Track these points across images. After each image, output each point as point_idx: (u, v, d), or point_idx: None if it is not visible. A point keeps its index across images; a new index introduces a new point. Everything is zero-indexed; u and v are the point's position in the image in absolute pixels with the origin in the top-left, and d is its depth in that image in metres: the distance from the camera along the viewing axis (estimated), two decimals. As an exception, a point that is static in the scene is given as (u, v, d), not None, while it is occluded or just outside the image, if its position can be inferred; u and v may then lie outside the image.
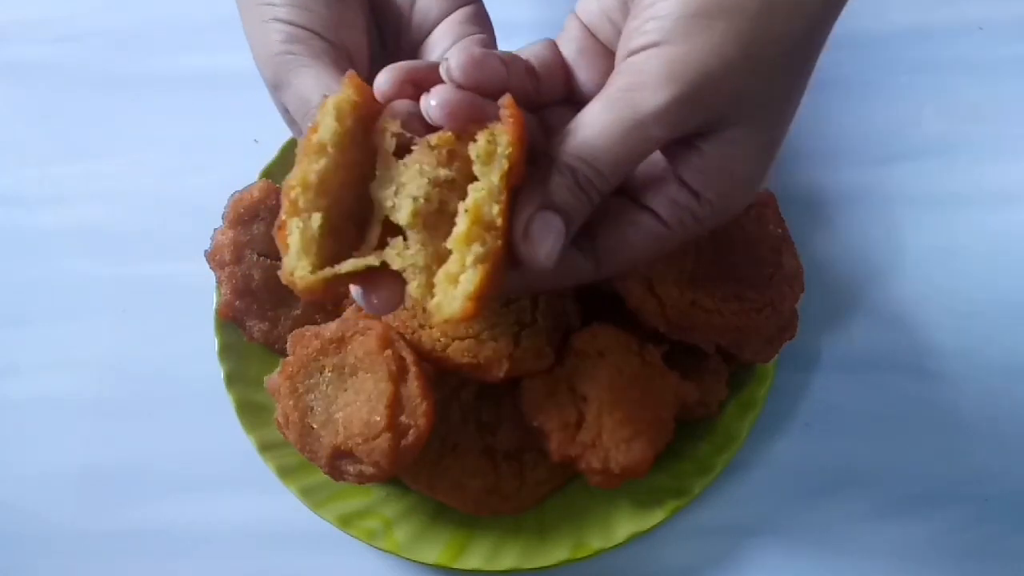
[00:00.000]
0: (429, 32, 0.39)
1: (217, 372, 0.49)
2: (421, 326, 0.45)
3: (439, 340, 0.44)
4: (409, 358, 0.43)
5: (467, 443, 0.47)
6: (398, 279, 0.32)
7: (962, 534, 0.49)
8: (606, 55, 0.37)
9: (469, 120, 0.32)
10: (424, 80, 0.33)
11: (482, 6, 0.40)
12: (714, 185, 0.34)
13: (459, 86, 0.33)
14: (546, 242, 0.32)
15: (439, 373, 0.45)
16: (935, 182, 0.56)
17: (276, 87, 0.37)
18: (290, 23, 0.36)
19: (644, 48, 0.32)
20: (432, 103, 0.32)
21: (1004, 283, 0.54)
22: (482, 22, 0.39)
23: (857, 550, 0.49)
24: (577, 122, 0.33)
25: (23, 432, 0.52)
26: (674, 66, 0.31)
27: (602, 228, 0.35)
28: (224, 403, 0.49)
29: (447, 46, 0.38)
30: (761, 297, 0.46)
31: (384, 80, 0.33)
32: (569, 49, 0.38)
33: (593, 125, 0.32)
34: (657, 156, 0.35)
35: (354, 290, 0.34)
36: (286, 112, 0.38)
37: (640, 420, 0.44)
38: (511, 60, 0.35)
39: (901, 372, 0.52)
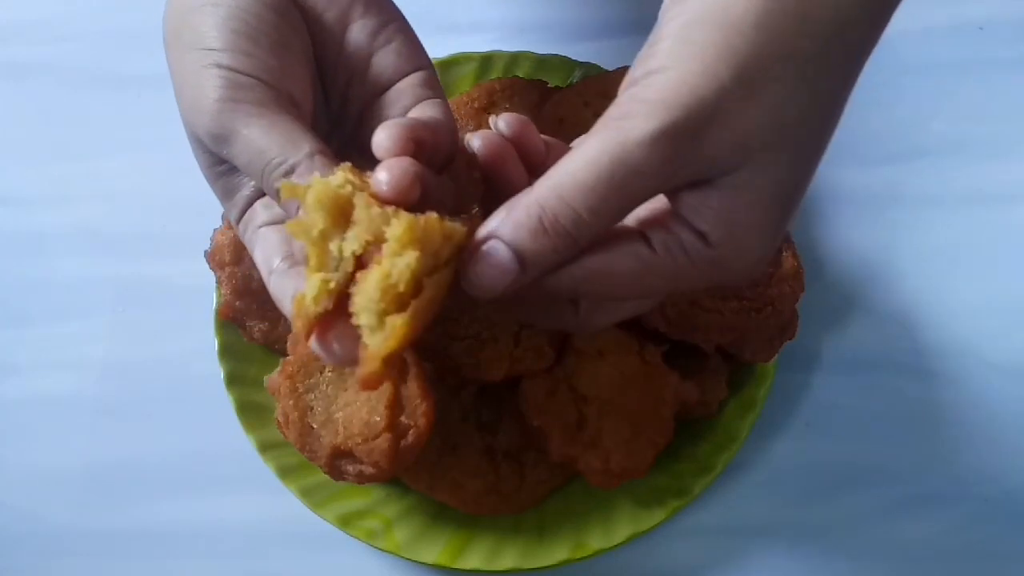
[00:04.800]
0: (384, 90, 0.37)
1: (217, 372, 0.49)
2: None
3: (439, 340, 0.44)
4: (409, 358, 0.43)
5: (467, 443, 0.47)
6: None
7: (962, 534, 0.49)
8: None
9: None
10: (424, 139, 0.32)
11: (435, 72, 0.38)
12: (719, 229, 0.29)
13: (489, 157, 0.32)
14: (484, 276, 0.29)
15: (439, 373, 0.45)
16: (936, 182, 0.56)
17: (220, 139, 0.33)
18: (233, 69, 0.33)
19: (646, 75, 0.28)
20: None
21: (1004, 283, 0.54)
22: (436, 87, 0.37)
23: (857, 550, 0.49)
24: (563, 158, 0.29)
25: (23, 432, 0.52)
26: (667, 92, 0.27)
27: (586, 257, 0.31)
28: (224, 403, 0.49)
29: (408, 104, 0.36)
30: (761, 297, 0.46)
31: (385, 136, 0.32)
32: None
33: (576, 158, 0.28)
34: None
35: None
36: (217, 167, 0.36)
37: (640, 420, 0.44)
38: (551, 144, 0.34)
39: (901, 372, 0.52)
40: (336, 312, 0.29)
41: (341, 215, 0.29)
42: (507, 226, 0.29)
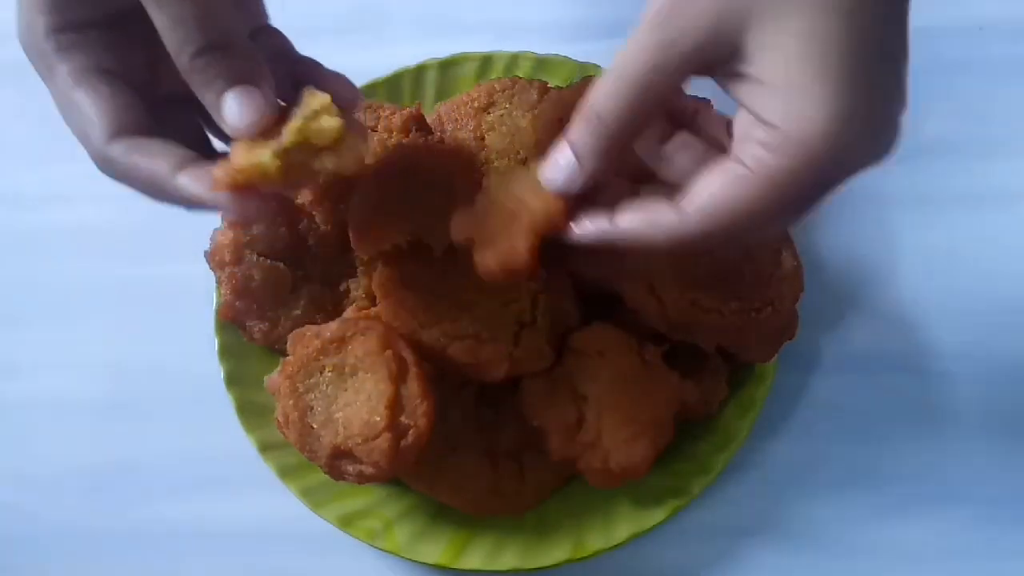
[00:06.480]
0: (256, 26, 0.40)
1: (217, 372, 0.49)
2: (421, 326, 0.45)
3: (439, 340, 0.44)
4: (409, 358, 0.43)
5: (467, 443, 0.47)
6: None
7: (962, 534, 0.49)
8: None
9: None
10: None
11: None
12: (775, 101, 0.28)
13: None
14: (553, 175, 0.35)
15: (439, 373, 0.45)
16: (935, 182, 0.56)
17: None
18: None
19: None
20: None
21: (1004, 283, 0.53)
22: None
23: (857, 550, 0.49)
24: None
25: (23, 432, 0.52)
26: None
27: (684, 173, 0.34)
28: (224, 403, 0.49)
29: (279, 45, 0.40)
30: (761, 297, 0.46)
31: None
32: None
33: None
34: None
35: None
36: (63, 35, 0.38)
37: (640, 420, 0.44)
38: None
39: (901, 372, 0.52)
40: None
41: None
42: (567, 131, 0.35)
